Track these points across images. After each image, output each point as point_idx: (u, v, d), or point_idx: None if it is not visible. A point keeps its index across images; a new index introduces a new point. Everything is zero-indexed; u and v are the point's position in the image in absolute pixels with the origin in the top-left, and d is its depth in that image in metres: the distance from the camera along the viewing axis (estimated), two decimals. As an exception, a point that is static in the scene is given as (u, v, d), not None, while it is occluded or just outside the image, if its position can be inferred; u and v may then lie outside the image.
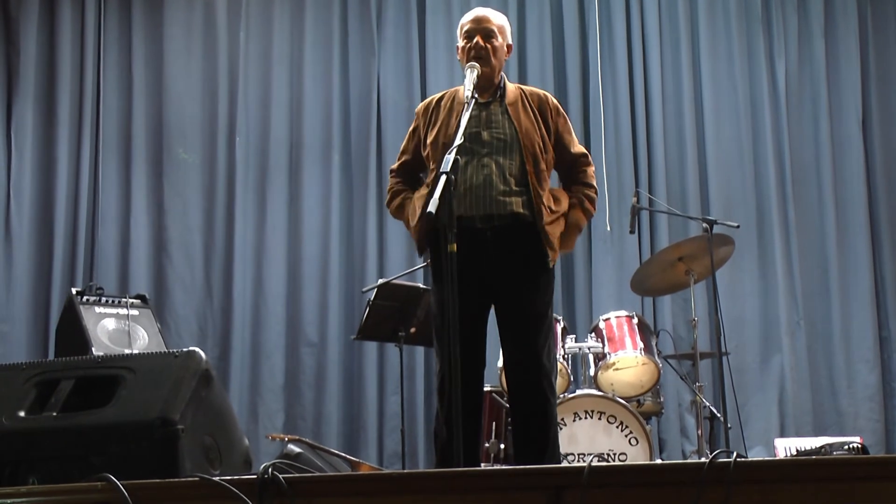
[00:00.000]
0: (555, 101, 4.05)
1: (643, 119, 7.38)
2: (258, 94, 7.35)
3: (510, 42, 4.06)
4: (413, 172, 4.05)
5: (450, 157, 3.34)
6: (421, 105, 4.11)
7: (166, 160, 7.18)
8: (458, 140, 3.46)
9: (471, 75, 3.77)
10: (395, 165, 4.14)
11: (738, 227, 5.81)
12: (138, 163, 7.16)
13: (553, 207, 3.88)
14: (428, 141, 3.93)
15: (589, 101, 7.38)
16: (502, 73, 4.04)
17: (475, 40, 3.92)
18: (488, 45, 3.92)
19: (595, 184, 4.05)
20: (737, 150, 7.38)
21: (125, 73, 7.26)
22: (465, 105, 3.63)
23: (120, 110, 7.22)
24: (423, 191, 3.90)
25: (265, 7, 7.45)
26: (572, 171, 4.03)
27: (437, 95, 4.08)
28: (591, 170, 4.06)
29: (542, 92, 4.08)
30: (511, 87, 4.01)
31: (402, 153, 4.11)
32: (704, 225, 5.55)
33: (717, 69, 7.47)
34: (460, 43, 3.99)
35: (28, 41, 7.03)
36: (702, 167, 7.38)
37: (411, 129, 4.08)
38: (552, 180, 4.03)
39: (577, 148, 4.05)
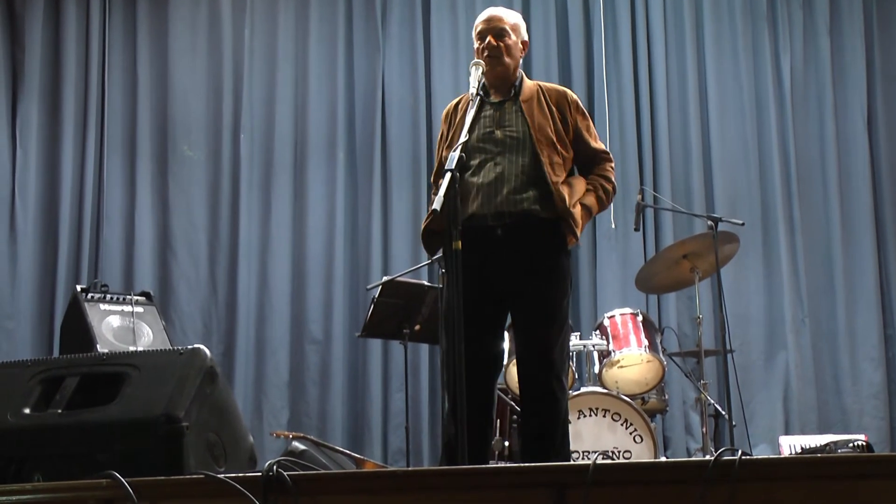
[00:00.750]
0: (574, 97, 4.03)
1: (648, 116, 7.37)
2: (263, 91, 7.35)
3: (525, 38, 4.04)
4: None
5: (454, 155, 3.35)
6: (444, 112, 4.11)
7: (171, 157, 7.19)
8: (463, 137, 3.47)
9: (475, 73, 3.78)
10: (433, 177, 4.13)
11: (742, 224, 5.81)
12: (143, 160, 7.16)
13: (569, 190, 3.87)
14: (447, 145, 3.94)
15: (594, 98, 7.37)
16: (520, 71, 4.02)
17: (487, 40, 3.92)
18: (500, 44, 3.92)
19: (614, 180, 4.01)
20: (742, 147, 7.38)
21: (130, 70, 7.26)
22: (470, 103, 3.64)
23: (125, 107, 7.23)
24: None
25: (270, 4, 7.45)
26: (592, 164, 4.01)
27: (455, 100, 4.09)
28: (611, 165, 4.02)
29: (561, 88, 4.07)
30: (529, 84, 4.00)
31: (437, 161, 4.09)
32: (709, 222, 5.54)
33: (721, 66, 7.46)
34: (475, 44, 3.99)
35: (33, 39, 7.03)
36: (706, 165, 7.38)
37: (439, 136, 4.09)
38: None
39: (598, 144, 4.03)
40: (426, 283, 5.79)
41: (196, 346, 2.96)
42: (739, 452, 2.41)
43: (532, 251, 3.81)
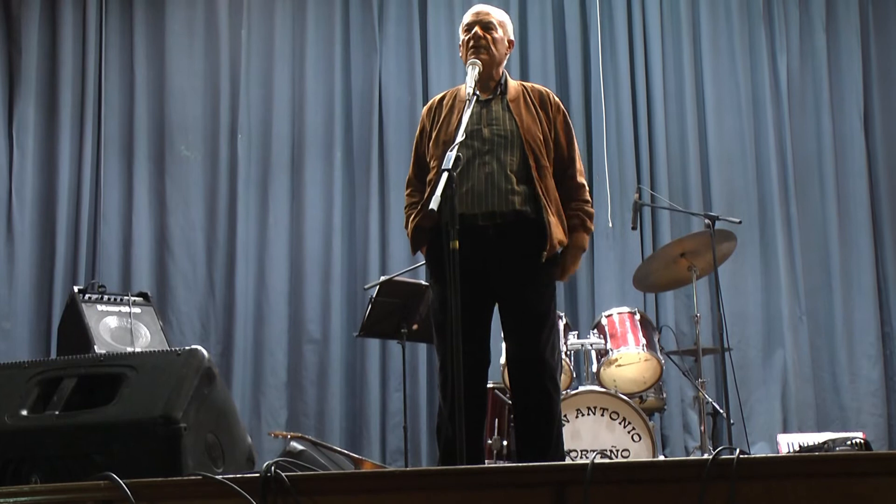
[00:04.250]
0: (557, 98, 4.04)
1: (645, 115, 7.37)
2: (260, 91, 7.35)
3: (511, 38, 4.05)
4: (427, 177, 3.99)
5: (451, 155, 3.34)
6: (425, 107, 4.11)
7: (168, 157, 7.18)
8: (460, 137, 3.47)
9: (472, 72, 3.78)
10: (409, 174, 4.11)
11: (740, 222, 5.81)
12: (140, 160, 7.16)
13: (556, 205, 3.87)
14: (431, 141, 3.93)
15: (591, 97, 7.37)
16: (504, 70, 4.03)
17: (474, 31, 3.93)
18: (487, 36, 3.93)
19: (591, 202, 4.01)
20: (739, 145, 7.38)
21: (127, 70, 7.25)
22: (467, 103, 3.63)
23: (122, 108, 7.22)
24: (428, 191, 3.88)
25: (267, 5, 7.44)
26: (566, 181, 3.95)
27: (440, 96, 4.08)
28: (586, 190, 4.00)
29: (544, 88, 4.07)
30: (513, 84, 4.01)
31: (414, 158, 4.08)
32: (706, 221, 5.54)
33: (718, 64, 7.46)
34: (461, 37, 3.99)
35: (30, 39, 7.03)
36: (703, 163, 7.38)
37: (418, 132, 4.07)
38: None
39: (574, 166, 3.97)
40: (424, 282, 5.79)
41: (194, 346, 2.96)
42: (737, 451, 2.41)
43: (523, 252, 3.81)
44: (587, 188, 4.04)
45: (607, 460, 3.09)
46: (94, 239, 6.99)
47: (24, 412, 2.87)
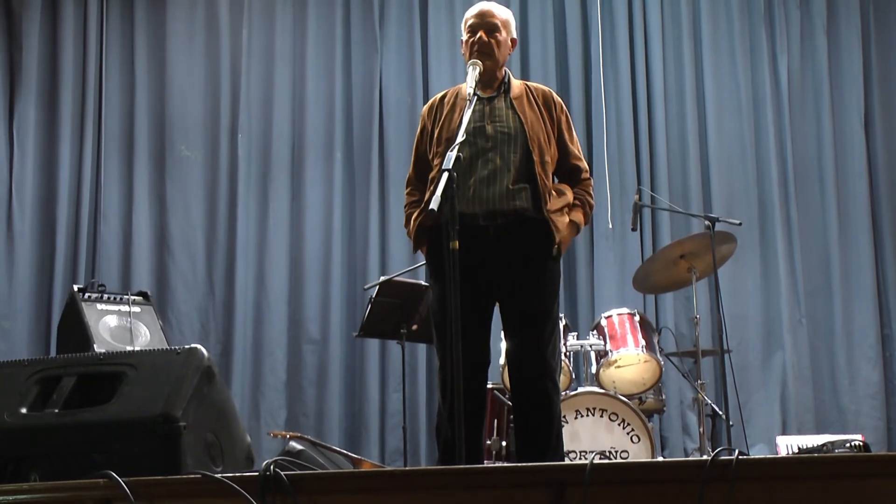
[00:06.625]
0: (559, 99, 4.04)
1: (645, 116, 7.37)
2: (260, 91, 7.35)
3: (514, 36, 4.04)
4: (427, 176, 3.97)
5: (451, 155, 3.34)
6: (425, 107, 4.09)
7: (168, 157, 7.18)
8: (461, 137, 3.46)
9: (472, 73, 3.77)
10: (409, 174, 4.09)
11: (740, 224, 5.81)
12: (140, 160, 7.16)
13: (557, 196, 3.86)
14: (433, 139, 3.93)
15: (591, 97, 7.38)
16: (507, 69, 4.03)
17: (478, 35, 3.91)
18: (492, 40, 3.91)
19: (593, 198, 4.04)
20: (739, 147, 7.38)
21: (127, 69, 7.26)
22: (468, 103, 3.63)
23: (122, 107, 7.22)
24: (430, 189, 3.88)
25: (267, 5, 7.45)
26: (573, 178, 4.00)
27: (440, 94, 4.07)
28: (591, 184, 4.05)
29: (547, 88, 4.07)
30: (516, 83, 4.00)
31: (414, 157, 4.07)
32: (706, 222, 5.54)
33: (719, 66, 7.46)
34: (464, 37, 3.98)
35: (30, 38, 7.03)
36: (704, 164, 7.38)
37: (419, 131, 4.05)
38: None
39: (580, 158, 4.00)
40: (423, 282, 5.79)
41: (193, 345, 2.96)
42: (737, 452, 2.41)
43: (524, 252, 3.80)
44: (592, 184, 4.06)
45: (606, 461, 3.09)
46: (94, 238, 7.00)
47: (24, 410, 2.87)
